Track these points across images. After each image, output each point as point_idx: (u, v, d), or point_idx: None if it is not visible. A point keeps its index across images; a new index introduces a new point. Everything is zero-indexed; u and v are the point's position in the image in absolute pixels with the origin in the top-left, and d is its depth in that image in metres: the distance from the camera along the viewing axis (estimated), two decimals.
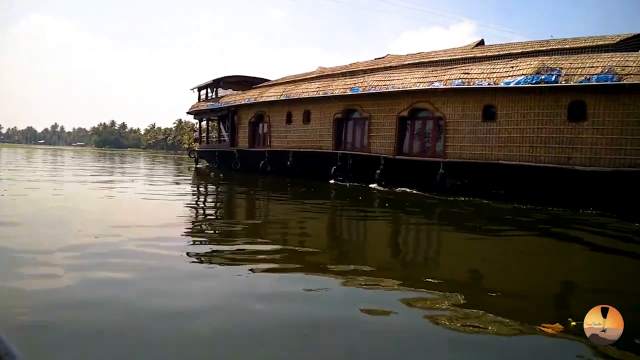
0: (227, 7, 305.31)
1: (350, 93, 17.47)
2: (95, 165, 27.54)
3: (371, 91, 16.61)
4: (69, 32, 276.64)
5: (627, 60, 11.22)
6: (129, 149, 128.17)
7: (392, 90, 15.89)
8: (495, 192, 13.74)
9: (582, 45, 13.45)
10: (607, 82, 11.17)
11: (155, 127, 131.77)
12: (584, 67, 11.74)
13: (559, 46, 13.89)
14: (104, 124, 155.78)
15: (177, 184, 16.97)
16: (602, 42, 13.13)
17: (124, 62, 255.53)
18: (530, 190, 12.96)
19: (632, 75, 10.92)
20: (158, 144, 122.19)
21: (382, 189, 15.72)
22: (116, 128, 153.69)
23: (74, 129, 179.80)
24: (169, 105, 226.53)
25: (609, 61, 11.46)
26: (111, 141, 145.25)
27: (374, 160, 16.76)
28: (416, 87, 15.14)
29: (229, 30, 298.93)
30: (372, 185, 16.24)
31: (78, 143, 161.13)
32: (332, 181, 17.81)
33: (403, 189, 15.45)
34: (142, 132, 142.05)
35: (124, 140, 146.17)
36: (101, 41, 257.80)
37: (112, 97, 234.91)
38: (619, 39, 12.95)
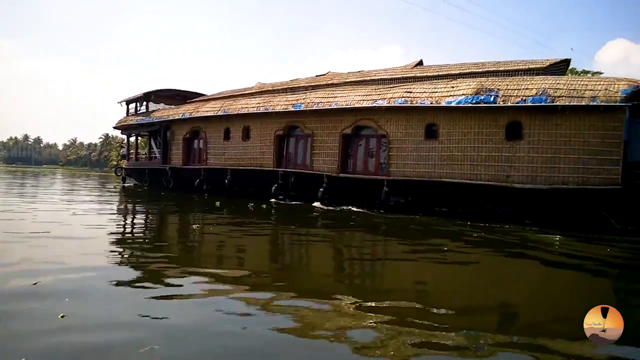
0: (157, 19, 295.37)
1: (292, 109, 17.11)
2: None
3: (314, 108, 16.37)
4: None
5: (558, 83, 11.88)
6: (44, 165, 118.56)
7: (335, 107, 15.74)
8: (438, 210, 13.93)
9: (514, 68, 14.16)
10: (542, 104, 11.73)
11: (77, 142, 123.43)
12: (520, 89, 12.29)
13: (494, 68, 14.53)
14: (15, 138, 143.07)
15: (101, 203, 15.49)
16: (533, 66, 13.90)
17: (41, 72, 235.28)
18: (471, 207, 13.26)
19: (563, 97, 11.55)
20: (80, 160, 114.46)
21: (325, 207, 15.42)
22: (30, 143, 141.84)
23: None
24: (93, 119, 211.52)
25: (542, 84, 12.08)
26: (23, 157, 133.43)
27: (317, 179, 16.45)
28: (360, 105, 15.11)
29: (159, 44, 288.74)
30: (315, 204, 15.90)
31: None
32: (273, 200, 17.25)
33: (347, 207, 15.29)
34: (60, 147, 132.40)
35: (38, 156, 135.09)
36: (13, 48, 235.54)
37: (25, 110, 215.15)
38: (548, 63, 13.78)
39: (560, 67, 14.38)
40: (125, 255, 6.39)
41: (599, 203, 11.41)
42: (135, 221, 11.51)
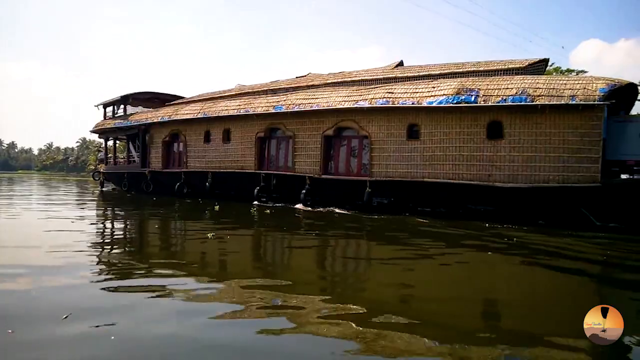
0: (128, 21, 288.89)
1: (273, 111, 16.92)
2: None
3: (295, 109, 16.21)
4: None
5: (537, 83, 11.97)
6: (19, 171, 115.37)
7: (317, 108, 15.62)
8: (421, 210, 13.91)
9: (494, 68, 14.23)
10: (522, 103, 11.80)
11: (53, 146, 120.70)
12: (500, 89, 12.35)
13: (474, 68, 14.58)
14: None
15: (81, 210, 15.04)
16: (512, 66, 13.99)
17: (13, 75, 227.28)
18: (454, 207, 13.27)
19: (543, 97, 11.64)
20: (56, 165, 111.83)
21: (308, 209, 15.28)
22: (4, 148, 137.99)
23: None
24: (70, 123, 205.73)
25: (521, 83, 12.16)
26: None
27: (299, 180, 16.30)
28: (341, 106, 15.01)
29: (135, 47, 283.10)
30: (297, 206, 15.74)
31: None
32: (255, 202, 17.03)
33: (330, 208, 15.18)
34: (36, 152, 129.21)
35: (13, 161, 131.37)
36: None
37: None
38: (527, 63, 13.89)
39: (539, 67, 14.52)
40: (156, 275, 5.91)
41: (579, 200, 11.53)
42: (145, 232, 10.66)
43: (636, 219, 11.02)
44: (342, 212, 14.60)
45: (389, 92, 14.28)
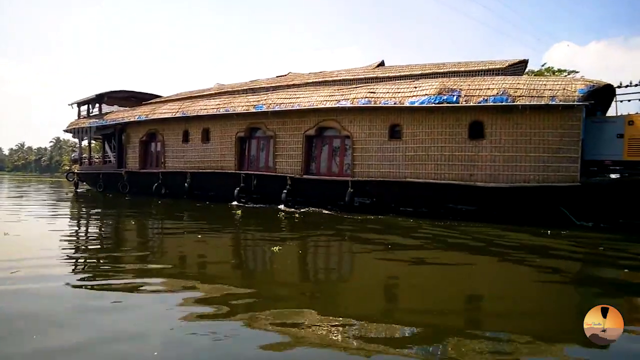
0: (104, 20, 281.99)
1: (254, 111, 16.67)
2: None
3: (276, 109, 16.00)
4: None
5: (518, 83, 12.06)
6: None
7: (298, 108, 15.44)
8: (403, 210, 13.87)
9: (475, 68, 14.30)
10: (503, 103, 11.86)
11: (25, 146, 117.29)
12: (481, 89, 12.40)
13: (455, 69, 14.63)
14: None
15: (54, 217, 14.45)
16: (492, 66, 14.08)
17: None
18: (436, 207, 13.27)
19: (523, 97, 11.72)
20: (29, 165, 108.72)
21: (289, 209, 15.08)
22: None
23: None
24: (44, 122, 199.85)
25: (502, 84, 12.23)
26: None
27: (280, 181, 16.10)
28: (323, 106, 14.87)
29: (109, 46, 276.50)
30: (278, 207, 15.53)
31: None
32: (235, 203, 16.76)
33: (311, 209, 15.02)
34: (6, 152, 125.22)
35: None
36: None
37: None
38: (507, 64, 13.99)
39: (519, 68, 14.66)
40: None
41: (559, 200, 11.64)
42: (207, 248, 8.33)
43: (615, 218, 11.19)
44: (323, 212, 14.44)
45: (371, 92, 14.21)
